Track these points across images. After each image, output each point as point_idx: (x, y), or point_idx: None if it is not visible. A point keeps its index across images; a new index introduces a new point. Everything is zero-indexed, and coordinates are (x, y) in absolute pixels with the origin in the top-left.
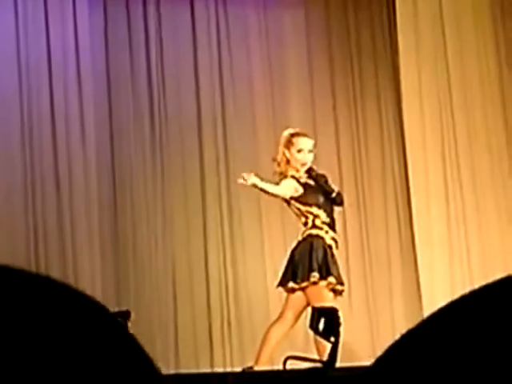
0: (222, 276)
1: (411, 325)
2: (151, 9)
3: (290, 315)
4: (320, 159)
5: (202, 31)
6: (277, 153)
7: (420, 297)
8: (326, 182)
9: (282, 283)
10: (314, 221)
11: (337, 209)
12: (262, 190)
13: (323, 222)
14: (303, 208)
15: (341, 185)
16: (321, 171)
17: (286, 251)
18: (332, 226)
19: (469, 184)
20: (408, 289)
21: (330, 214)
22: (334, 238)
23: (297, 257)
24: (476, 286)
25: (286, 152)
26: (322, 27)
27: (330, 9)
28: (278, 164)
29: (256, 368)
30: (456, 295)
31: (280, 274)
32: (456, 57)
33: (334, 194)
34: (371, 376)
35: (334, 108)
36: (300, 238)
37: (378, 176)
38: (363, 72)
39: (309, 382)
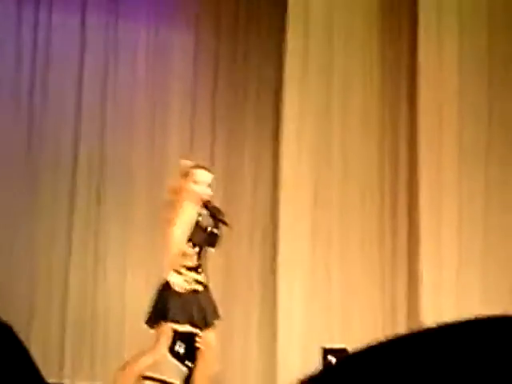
0: (81, 289)
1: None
2: (43, 14)
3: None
4: None
5: (91, 43)
6: (172, 182)
7: (275, 335)
8: (221, 220)
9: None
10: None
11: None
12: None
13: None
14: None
15: None
16: None
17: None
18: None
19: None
20: (265, 329)
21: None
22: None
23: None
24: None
25: (184, 183)
26: (211, 53)
27: (220, 35)
28: (175, 193)
29: None
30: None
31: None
32: (341, 93)
33: (216, 231)
34: None
35: (213, 136)
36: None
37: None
38: (246, 104)
39: None
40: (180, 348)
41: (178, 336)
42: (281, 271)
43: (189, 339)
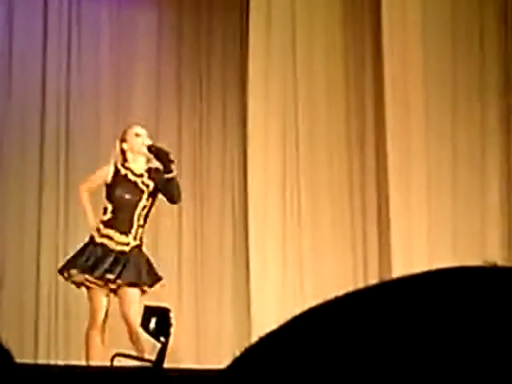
0: (52, 270)
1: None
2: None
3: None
4: None
5: (53, 30)
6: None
7: (249, 305)
8: (169, 160)
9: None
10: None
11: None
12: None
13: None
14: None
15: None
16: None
17: None
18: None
19: (307, 197)
20: (238, 296)
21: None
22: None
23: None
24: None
25: (124, 144)
26: (174, 31)
27: (183, 13)
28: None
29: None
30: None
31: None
32: (306, 71)
33: (170, 175)
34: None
35: (179, 115)
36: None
37: (218, 195)
38: (211, 77)
39: (138, 380)
40: (152, 323)
41: (150, 312)
42: (252, 236)
43: (162, 314)
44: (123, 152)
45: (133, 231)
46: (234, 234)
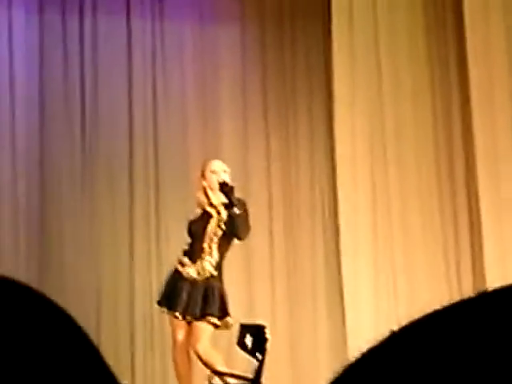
0: (147, 293)
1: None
2: (87, 17)
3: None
4: (251, 177)
5: (137, 44)
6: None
7: (343, 316)
8: (231, 197)
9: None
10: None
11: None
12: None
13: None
14: None
15: (270, 212)
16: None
17: None
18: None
19: (397, 202)
20: (332, 311)
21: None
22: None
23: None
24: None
25: (203, 182)
26: (258, 44)
27: (265, 24)
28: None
29: None
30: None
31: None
32: (391, 76)
33: (235, 210)
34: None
35: (266, 126)
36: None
37: (307, 200)
38: (296, 89)
39: None
40: (248, 341)
41: (246, 329)
42: (343, 244)
43: (257, 331)
44: (204, 189)
45: (204, 260)
46: (325, 244)
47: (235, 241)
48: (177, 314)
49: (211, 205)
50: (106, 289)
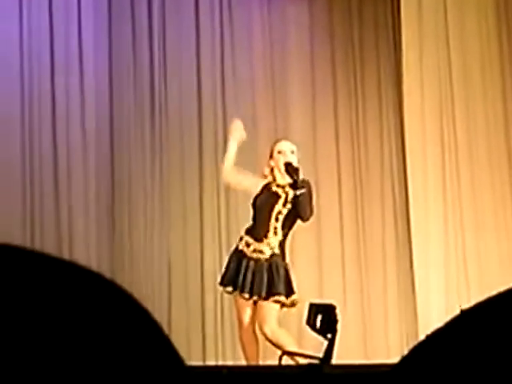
0: (216, 270)
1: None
2: (155, 7)
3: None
4: (319, 157)
5: (206, 29)
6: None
7: (414, 297)
8: (294, 177)
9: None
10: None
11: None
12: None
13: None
14: None
15: (339, 188)
16: (320, 170)
17: None
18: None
19: (467, 187)
20: (402, 290)
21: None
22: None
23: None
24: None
25: (271, 161)
26: (325, 22)
27: (333, 6)
28: (266, 176)
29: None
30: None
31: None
32: (458, 49)
33: (300, 191)
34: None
35: (335, 105)
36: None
37: (377, 177)
38: (365, 67)
39: (306, 378)
40: (318, 320)
41: (315, 309)
42: (413, 223)
43: (327, 311)
44: (272, 169)
45: (269, 239)
46: (395, 223)
47: (299, 221)
48: (245, 294)
49: (278, 185)
50: (176, 271)
